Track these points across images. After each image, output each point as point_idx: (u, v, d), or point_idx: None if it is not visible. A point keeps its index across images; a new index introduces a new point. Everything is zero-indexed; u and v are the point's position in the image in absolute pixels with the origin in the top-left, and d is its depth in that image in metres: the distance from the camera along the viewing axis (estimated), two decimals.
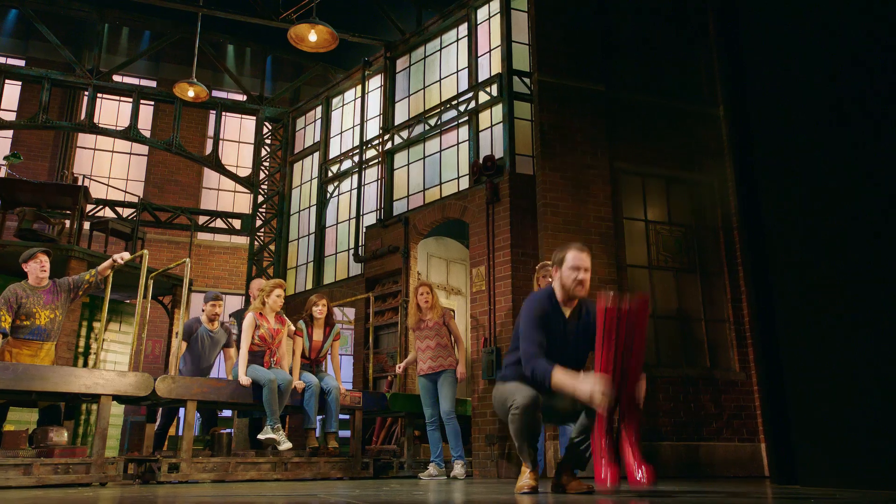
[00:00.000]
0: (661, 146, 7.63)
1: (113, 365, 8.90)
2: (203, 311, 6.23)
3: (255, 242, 11.18)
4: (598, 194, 7.10)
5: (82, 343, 8.91)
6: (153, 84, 13.82)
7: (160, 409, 5.87)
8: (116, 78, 12.38)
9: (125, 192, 11.15)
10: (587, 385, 2.94)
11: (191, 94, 9.70)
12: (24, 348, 5.22)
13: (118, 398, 4.95)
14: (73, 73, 11.19)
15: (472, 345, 7.26)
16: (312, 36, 8.47)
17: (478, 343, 7.10)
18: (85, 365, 8.83)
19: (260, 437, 5.45)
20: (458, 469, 5.66)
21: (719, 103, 7.71)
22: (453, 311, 8.54)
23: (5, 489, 4.18)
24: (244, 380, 5.43)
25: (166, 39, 11.89)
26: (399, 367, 6.65)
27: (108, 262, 5.47)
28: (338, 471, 5.91)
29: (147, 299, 5.84)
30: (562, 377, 3.05)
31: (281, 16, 9.72)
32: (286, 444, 5.37)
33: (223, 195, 14.15)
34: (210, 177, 14.03)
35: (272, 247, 11.21)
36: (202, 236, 13.62)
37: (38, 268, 5.31)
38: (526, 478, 3.30)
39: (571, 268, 3.33)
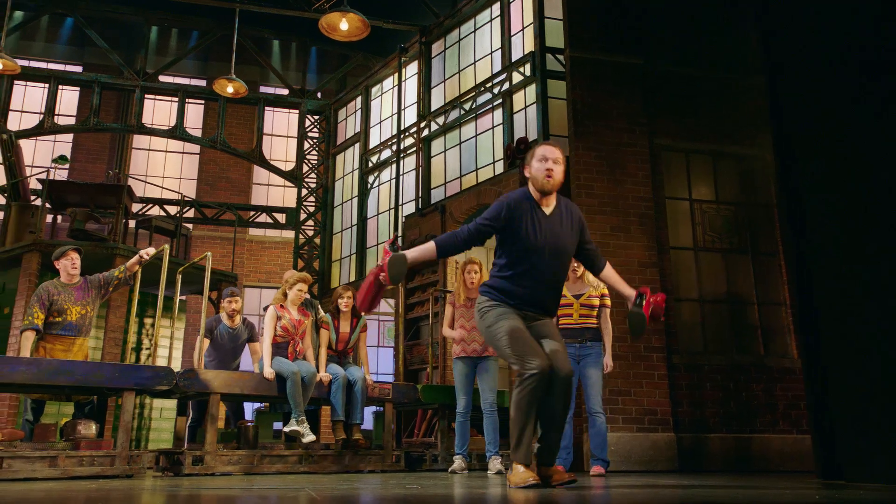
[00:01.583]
0: (706, 120, 7.18)
1: (164, 360, 9.10)
2: (222, 307, 6.22)
3: (301, 236, 11.23)
4: (636, 173, 6.74)
5: (133, 339, 9.16)
6: (202, 83, 14.08)
7: (190, 403, 5.90)
8: (167, 78, 12.66)
9: (174, 191, 11.39)
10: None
11: (230, 89, 9.78)
12: (57, 344, 5.32)
13: (141, 392, 4.97)
14: (122, 76, 11.48)
15: None
16: (343, 24, 8.39)
17: None
18: (137, 360, 9.07)
19: (285, 429, 5.39)
20: (498, 464, 5.41)
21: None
22: None
23: (32, 480, 4.25)
24: (268, 372, 5.37)
25: (209, 38, 12.06)
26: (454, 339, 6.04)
27: (135, 259, 5.51)
28: (367, 464, 5.80)
29: (175, 293, 5.87)
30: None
31: (314, 6, 9.67)
32: (310, 437, 5.29)
33: (273, 190, 14.31)
34: (260, 172, 14.20)
35: (317, 240, 11.24)
36: (253, 232, 13.82)
37: (69, 265, 5.40)
38: (522, 473, 3.06)
39: (539, 159, 3.25)
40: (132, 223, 9.60)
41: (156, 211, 11.36)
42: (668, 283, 6.64)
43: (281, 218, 11.59)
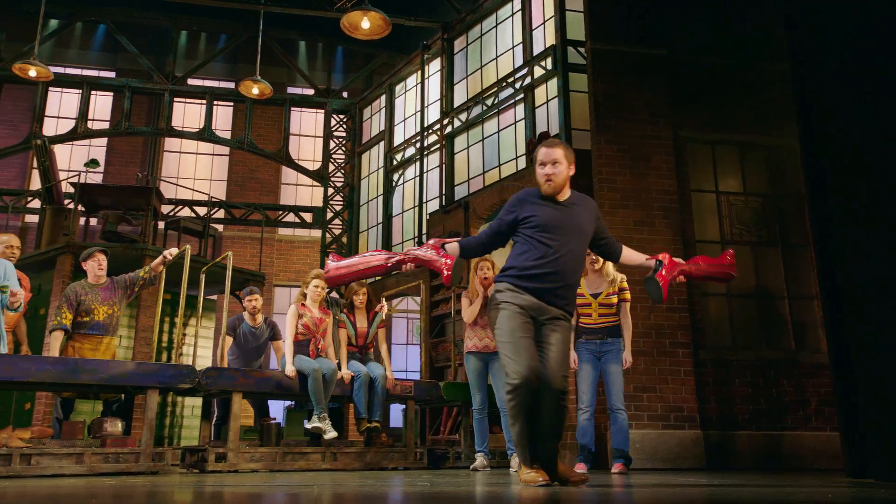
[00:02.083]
0: (733, 110, 7.02)
1: (201, 360, 9.24)
2: (244, 307, 6.28)
3: (328, 235, 11.31)
4: (660, 166, 6.62)
5: (165, 338, 9.33)
6: (231, 85, 14.26)
7: (214, 401, 5.98)
8: (196, 81, 12.86)
9: (202, 192, 11.56)
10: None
11: (255, 91, 9.89)
12: (85, 343, 5.44)
13: (165, 390, 5.04)
14: (151, 80, 11.69)
15: None
16: (365, 23, 8.41)
17: None
18: (168, 359, 9.23)
19: (307, 426, 5.43)
20: (517, 461, 5.38)
21: None
22: None
23: (59, 477, 4.34)
24: (290, 370, 5.42)
25: (236, 41, 12.21)
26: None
27: (158, 259, 5.60)
28: (390, 461, 5.81)
29: (199, 292, 5.95)
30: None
31: (336, 5, 9.71)
32: (331, 434, 5.32)
33: (301, 190, 14.43)
34: (288, 173, 14.33)
35: (344, 238, 11.31)
36: (283, 231, 13.95)
37: (95, 266, 5.51)
38: (530, 473, 3.01)
39: (539, 164, 3.25)
40: (162, 224, 9.77)
41: (186, 212, 11.55)
42: None
43: (308, 217, 11.69)
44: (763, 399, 6.27)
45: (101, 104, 13.75)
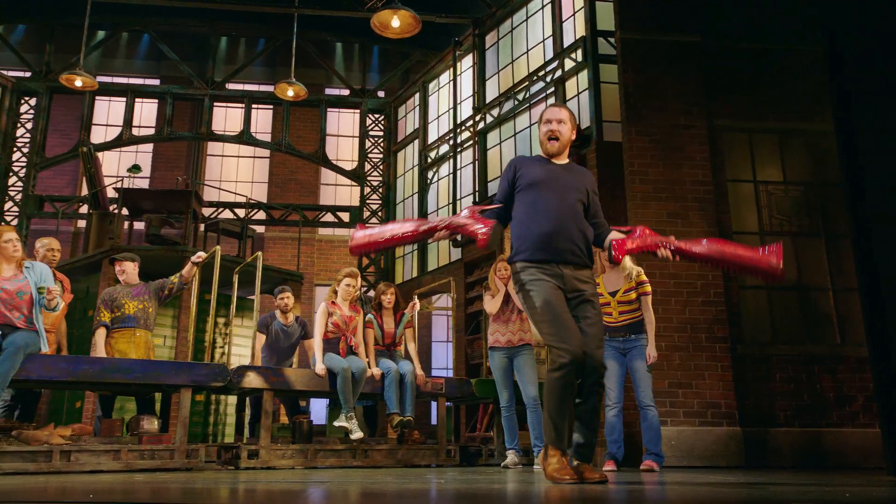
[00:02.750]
0: (771, 96, 6.80)
1: (238, 358, 9.43)
2: (276, 305, 6.37)
3: None
4: (694, 156, 6.45)
5: (208, 338, 9.54)
6: (269, 89, 14.50)
7: (248, 399, 6.08)
8: (236, 86, 13.11)
9: (240, 194, 11.78)
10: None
11: (290, 93, 10.01)
12: (120, 337, 5.64)
13: (198, 388, 5.15)
14: (192, 86, 11.97)
15: None
16: (395, 22, 8.42)
17: None
18: (212, 358, 9.44)
19: (335, 424, 5.48)
20: None
21: None
22: None
23: (97, 473, 4.48)
24: (320, 368, 5.47)
25: (273, 44, 12.40)
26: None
27: (188, 266, 5.75)
28: (421, 458, 5.82)
29: (233, 292, 6.06)
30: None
31: (367, 5, 9.76)
32: (358, 434, 5.35)
33: (340, 190, 14.58)
34: (327, 173, 14.48)
35: None
36: (323, 231, 14.12)
37: (118, 272, 5.75)
38: (557, 465, 2.94)
39: (543, 122, 3.21)
40: (202, 227, 9.99)
41: (227, 214, 11.79)
42: None
43: (345, 217, 11.80)
44: (806, 395, 6.06)
45: (147, 111, 14.15)
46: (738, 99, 6.77)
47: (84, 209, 11.29)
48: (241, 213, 11.80)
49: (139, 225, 10.04)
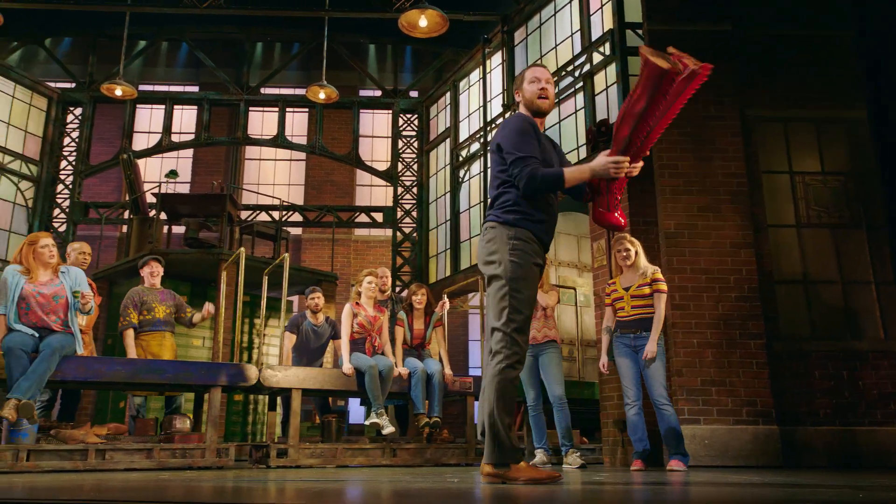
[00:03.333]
0: (808, 84, 6.58)
1: (272, 358, 9.59)
2: (307, 305, 6.44)
3: (399, 234, 11.45)
4: (726, 148, 6.28)
5: (245, 339, 9.72)
6: (304, 92, 14.67)
7: (279, 398, 6.17)
8: (272, 90, 13.32)
9: (273, 196, 11.95)
10: (601, 161, 2.87)
11: (322, 95, 10.13)
12: (151, 339, 5.82)
13: (228, 389, 5.25)
14: (228, 92, 12.21)
15: (595, 324, 6.81)
16: (423, 21, 8.45)
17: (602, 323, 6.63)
18: (249, 360, 9.63)
19: (365, 422, 5.52)
20: (575, 458, 5.27)
21: None
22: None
23: (131, 471, 4.61)
24: (347, 368, 5.52)
25: (306, 48, 12.55)
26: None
27: (198, 316, 5.95)
28: (450, 457, 5.82)
29: (262, 293, 6.15)
30: (572, 171, 2.90)
31: (395, 6, 9.79)
32: (389, 429, 5.39)
33: (376, 190, 14.68)
34: (362, 174, 14.61)
35: (416, 236, 11.41)
36: (359, 232, 14.25)
37: (149, 273, 5.90)
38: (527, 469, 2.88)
39: (530, 81, 3.10)
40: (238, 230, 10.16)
41: (264, 217, 11.99)
42: (767, 265, 6.15)
43: (379, 217, 11.87)
44: (847, 392, 5.84)
45: (187, 117, 14.49)
46: (773, 88, 6.57)
47: (127, 214, 11.61)
48: (277, 215, 11.97)
49: (178, 229, 10.29)
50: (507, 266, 2.85)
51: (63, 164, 11.68)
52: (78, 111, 11.96)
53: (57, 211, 11.38)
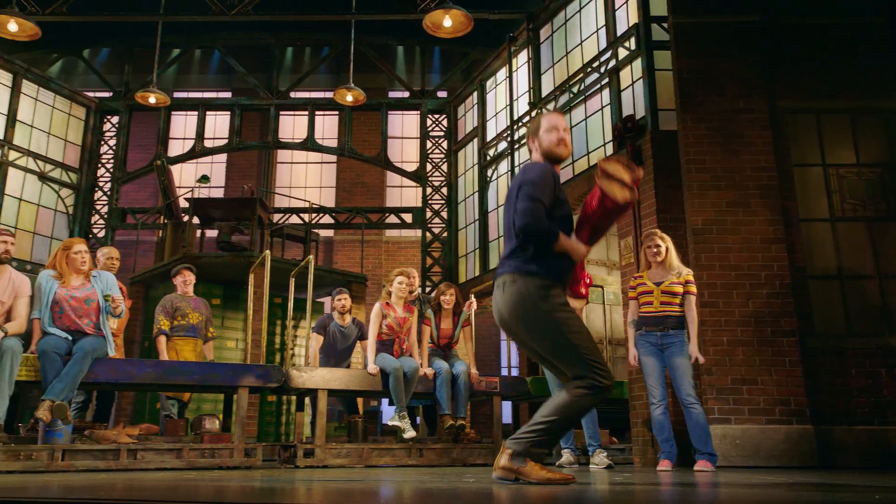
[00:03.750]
0: (841, 74, 6.41)
1: (302, 359, 9.69)
2: (333, 306, 6.49)
3: (428, 234, 11.48)
4: (755, 142, 6.15)
5: (277, 340, 9.86)
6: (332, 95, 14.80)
7: (307, 399, 6.23)
8: (302, 94, 13.47)
9: (303, 200, 12.07)
10: (580, 250, 2.91)
11: (349, 98, 10.19)
12: (184, 345, 5.94)
13: (255, 389, 5.33)
14: (258, 96, 12.39)
15: (623, 322, 6.72)
16: (447, 21, 8.45)
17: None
18: (282, 361, 9.75)
19: (388, 423, 5.54)
20: (602, 458, 5.21)
21: None
22: None
23: (162, 470, 4.71)
24: (372, 369, 5.55)
25: (334, 51, 12.67)
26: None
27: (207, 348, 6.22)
28: (477, 457, 5.80)
29: (289, 295, 6.23)
30: (566, 240, 2.87)
31: (420, 6, 9.81)
32: (410, 433, 5.39)
33: (406, 191, 14.73)
34: (393, 175, 14.67)
35: (445, 236, 11.42)
36: (390, 233, 14.31)
37: (181, 282, 6.04)
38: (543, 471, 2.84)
39: (547, 130, 3.03)
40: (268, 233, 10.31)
41: (295, 220, 12.13)
42: (800, 260, 6.00)
43: (408, 218, 11.91)
44: (886, 390, 5.67)
45: (221, 123, 14.75)
46: (804, 79, 6.41)
47: (162, 220, 11.86)
48: (307, 218, 12.10)
49: (211, 233, 10.48)
50: (544, 316, 2.84)
51: (101, 171, 11.98)
52: (115, 119, 12.27)
53: (96, 217, 11.68)
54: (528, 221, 2.78)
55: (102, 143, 12.14)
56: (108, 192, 11.80)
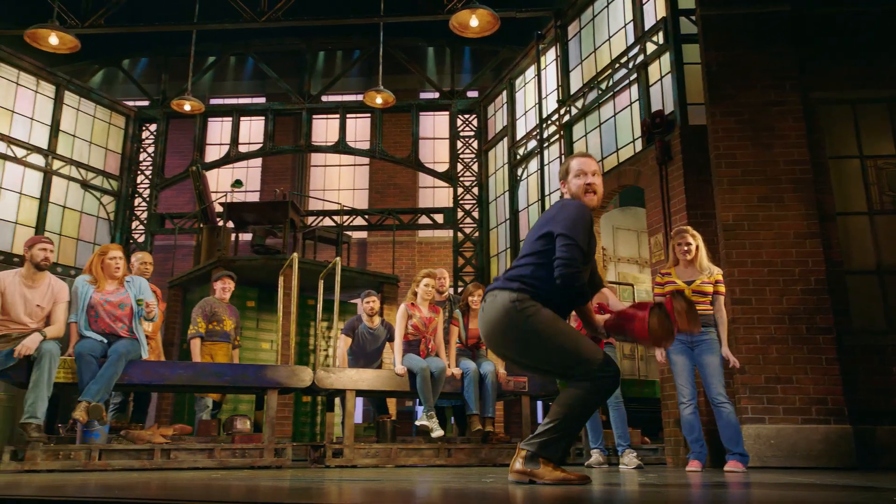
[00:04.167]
0: (879, 62, 6.22)
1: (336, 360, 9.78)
2: (362, 308, 6.54)
3: (459, 234, 11.48)
4: (787, 135, 6.00)
5: (311, 342, 9.97)
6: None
7: (336, 400, 6.30)
8: (333, 97, 13.62)
9: (334, 202, 12.19)
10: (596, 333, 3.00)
11: (378, 100, 10.25)
12: (218, 350, 6.06)
13: (283, 390, 5.41)
14: (291, 101, 12.57)
15: None
16: (474, 21, 8.44)
17: None
18: (316, 363, 9.85)
19: (416, 423, 5.57)
20: (631, 458, 5.15)
21: None
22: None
23: (194, 469, 4.82)
24: (399, 369, 5.59)
25: (365, 54, 12.77)
26: None
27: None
28: (506, 457, 5.79)
29: (318, 297, 6.30)
30: (589, 310, 2.99)
31: (447, 7, 9.83)
32: (438, 432, 5.41)
33: (438, 192, 14.76)
34: (425, 176, 14.71)
35: (477, 236, 11.42)
36: (423, 234, 14.36)
37: (221, 287, 6.16)
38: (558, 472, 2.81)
39: (576, 174, 3.00)
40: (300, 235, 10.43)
41: (329, 222, 12.27)
42: (836, 255, 5.84)
43: (439, 218, 11.94)
44: None
45: (256, 128, 15.01)
46: (838, 68, 6.23)
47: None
48: (341, 219, 12.22)
49: (246, 236, 10.66)
50: (523, 325, 2.79)
51: (140, 178, 12.30)
52: (153, 127, 12.57)
53: (136, 223, 12.00)
54: (570, 273, 2.73)
55: (141, 150, 12.46)
56: (148, 198, 12.11)
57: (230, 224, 9.69)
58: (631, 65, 7.69)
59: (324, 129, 14.55)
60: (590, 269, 2.99)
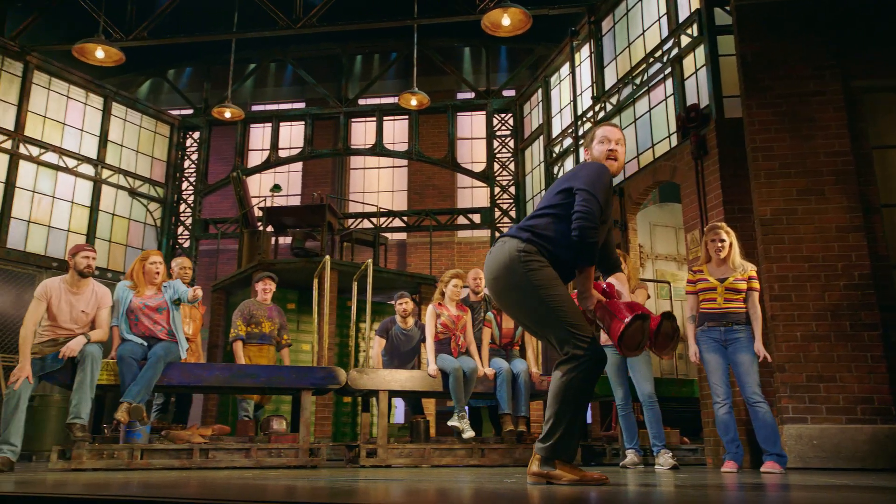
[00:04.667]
0: None
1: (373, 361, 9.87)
2: (395, 310, 6.58)
3: (496, 234, 11.46)
4: (827, 125, 5.82)
5: (350, 343, 10.09)
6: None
7: (371, 399, 6.36)
8: (371, 100, 13.75)
9: (371, 205, 12.28)
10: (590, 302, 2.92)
11: (413, 102, 10.32)
12: (257, 351, 6.18)
13: (317, 391, 5.49)
14: (328, 105, 12.74)
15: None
16: (506, 20, 8.43)
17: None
18: (357, 363, 9.97)
19: (448, 424, 5.58)
20: (667, 458, 5.07)
21: None
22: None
23: (231, 469, 4.94)
24: (432, 369, 5.61)
25: (400, 56, 12.86)
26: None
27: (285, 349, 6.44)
28: None
29: (352, 298, 6.38)
30: (589, 276, 2.91)
31: (479, 7, 9.81)
32: (469, 433, 5.41)
33: (476, 192, 14.76)
34: (463, 177, 14.73)
35: None
36: (462, 234, 14.37)
37: (262, 288, 6.29)
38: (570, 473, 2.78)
39: (600, 141, 3.03)
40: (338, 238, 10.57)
41: (367, 224, 12.39)
42: (882, 249, 5.63)
43: (476, 218, 11.94)
44: None
45: (296, 132, 15.26)
46: (882, 55, 6.01)
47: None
48: (380, 221, 12.33)
49: (285, 239, 10.85)
50: (527, 276, 2.78)
51: (185, 184, 12.64)
52: (196, 135, 12.91)
53: (181, 229, 12.34)
54: (588, 227, 2.73)
55: (185, 157, 12.80)
56: (192, 204, 12.43)
57: (269, 228, 9.88)
58: (665, 58, 7.56)
59: (362, 131, 14.69)
60: (605, 235, 2.97)
